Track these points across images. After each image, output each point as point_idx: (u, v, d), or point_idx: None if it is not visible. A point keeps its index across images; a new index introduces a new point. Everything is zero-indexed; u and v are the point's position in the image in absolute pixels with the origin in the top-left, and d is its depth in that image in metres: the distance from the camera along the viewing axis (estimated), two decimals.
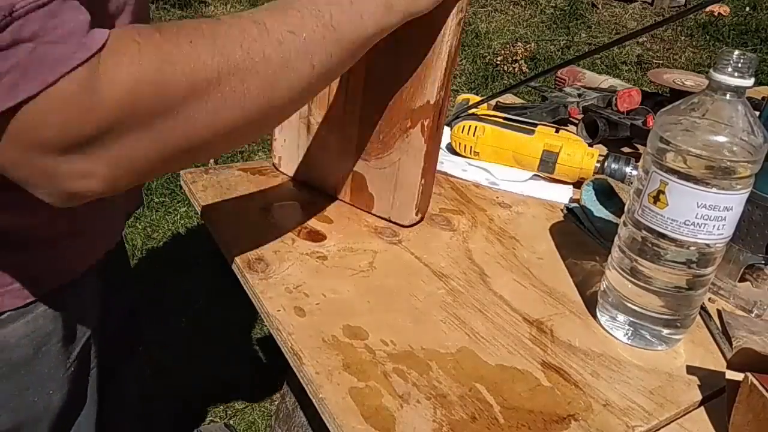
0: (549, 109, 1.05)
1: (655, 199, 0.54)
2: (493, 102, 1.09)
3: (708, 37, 4.01)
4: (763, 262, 0.66)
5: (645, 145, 0.58)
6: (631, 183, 0.81)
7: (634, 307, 0.58)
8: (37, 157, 0.40)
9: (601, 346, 0.59)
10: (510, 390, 0.52)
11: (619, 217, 0.61)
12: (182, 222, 2.16)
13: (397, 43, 0.61)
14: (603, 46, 0.89)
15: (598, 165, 0.83)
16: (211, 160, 1.67)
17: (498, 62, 3.56)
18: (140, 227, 2.10)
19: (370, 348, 0.55)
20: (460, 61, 3.62)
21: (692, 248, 0.54)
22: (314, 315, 0.58)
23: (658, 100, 1.08)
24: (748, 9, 4.31)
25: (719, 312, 0.65)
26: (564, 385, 0.53)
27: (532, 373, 0.54)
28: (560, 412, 0.51)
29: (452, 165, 0.88)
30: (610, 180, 0.81)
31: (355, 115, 0.70)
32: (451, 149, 0.92)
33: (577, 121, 1.03)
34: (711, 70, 0.52)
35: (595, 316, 0.62)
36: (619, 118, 0.99)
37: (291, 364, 0.54)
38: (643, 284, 0.57)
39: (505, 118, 0.90)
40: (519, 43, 3.74)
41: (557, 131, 0.87)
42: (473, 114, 0.91)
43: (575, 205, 0.81)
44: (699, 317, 0.63)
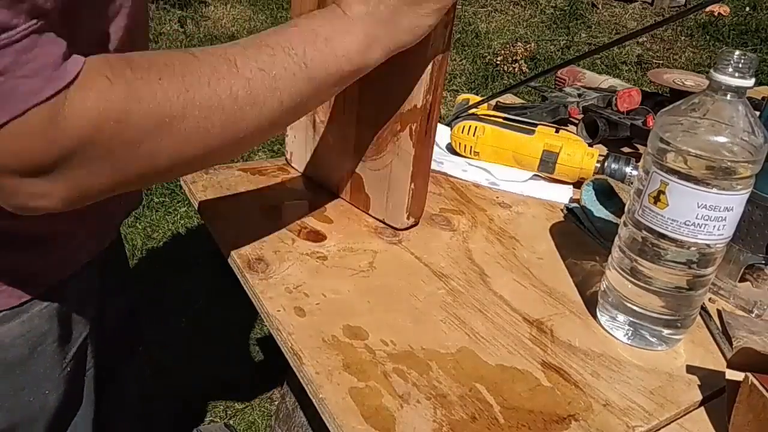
0: (549, 109, 1.04)
1: (656, 200, 0.54)
2: (493, 102, 1.09)
3: (708, 37, 4.02)
4: (763, 262, 0.66)
5: (645, 145, 0.58)
6: (631, 183, 0.80)
7: (634, 307, 0.58)
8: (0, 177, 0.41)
9: (601, 346, 0.59)
10: (510, 390, 0.52)
11: (619, 217, 0.61)
12: (182, 222, 2.16)
13: None
14: (603, 46, 0.89)
15: (598, 165, 0.83)
16: None
17: (498, 62, 3.56)
18: (140, 227, 2.10)
19: (370, 348, 0.55)
20: (460, 61, 3.62)
21: (692, 248, 0.54)
22: (314, 315, 0.58)
23: (658, 100, 1.08)
24: (748, 9, 4.31)
25: (719, 312, 0.65)
26: (564, 385, 0.53)
27: (532, 373, 0.54)
28: (560, 412, 0.51)
29: (452, 165, 0.88)
30: (610, 180, 0.81)
31: (353, 116, 0.70)
32: (451, 149, 0.92)
33: (577, 121, 1.03)
34: (711, 71, 0.52)
35: (595, 316, 0.62)
36: (619, 118, 0.99)
37: (291, 364, 0.54)
38: (643, 284, 0.57)
39: (505, 118, 0.90)
40: (519, 43, 3.74)
41: (557, 131, 0.87)
42: (473, 114, 0.91)
43: (575, 205, 0.81)
44: (699, 317, 0.63)
